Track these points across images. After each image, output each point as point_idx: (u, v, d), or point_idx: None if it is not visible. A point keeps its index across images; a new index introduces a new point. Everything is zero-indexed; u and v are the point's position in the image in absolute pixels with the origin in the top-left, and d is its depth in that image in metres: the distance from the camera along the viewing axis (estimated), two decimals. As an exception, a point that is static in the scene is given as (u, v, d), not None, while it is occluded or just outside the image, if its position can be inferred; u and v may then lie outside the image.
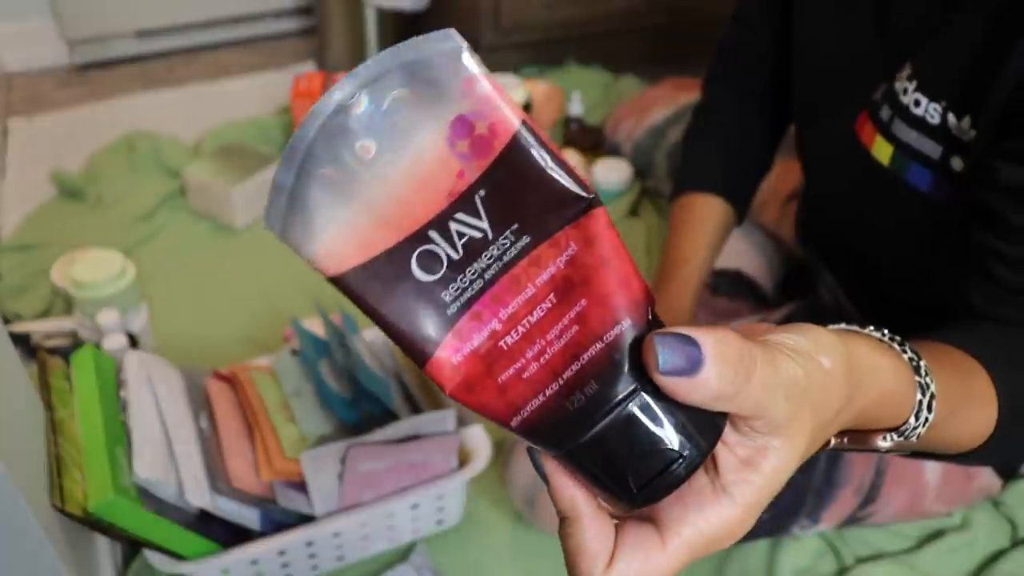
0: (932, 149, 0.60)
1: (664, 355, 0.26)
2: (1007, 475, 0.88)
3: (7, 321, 1.07)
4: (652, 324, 0.28)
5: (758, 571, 0.84)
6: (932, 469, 0.81)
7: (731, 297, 1.05)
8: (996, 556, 0.85)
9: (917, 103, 0.60)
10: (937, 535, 0.86)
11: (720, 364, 0.26)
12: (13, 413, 0.64)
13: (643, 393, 0.27)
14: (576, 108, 1.43)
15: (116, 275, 0.97)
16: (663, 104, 1.29)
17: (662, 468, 0.27)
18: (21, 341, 1.00)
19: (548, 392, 0.27)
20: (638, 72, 1.70)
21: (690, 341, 0.26)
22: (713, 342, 0.26)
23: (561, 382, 0.27)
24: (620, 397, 0.27)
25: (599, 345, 0.27)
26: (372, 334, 0.89)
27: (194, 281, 1.19)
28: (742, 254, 1.14)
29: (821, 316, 0.91)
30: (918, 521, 0.86)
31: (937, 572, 0.83)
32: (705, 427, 0.27)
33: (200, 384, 0.82)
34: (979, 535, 0.85)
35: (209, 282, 1.19)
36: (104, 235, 1.25)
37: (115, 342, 0.90)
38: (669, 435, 0.27)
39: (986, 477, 0.85)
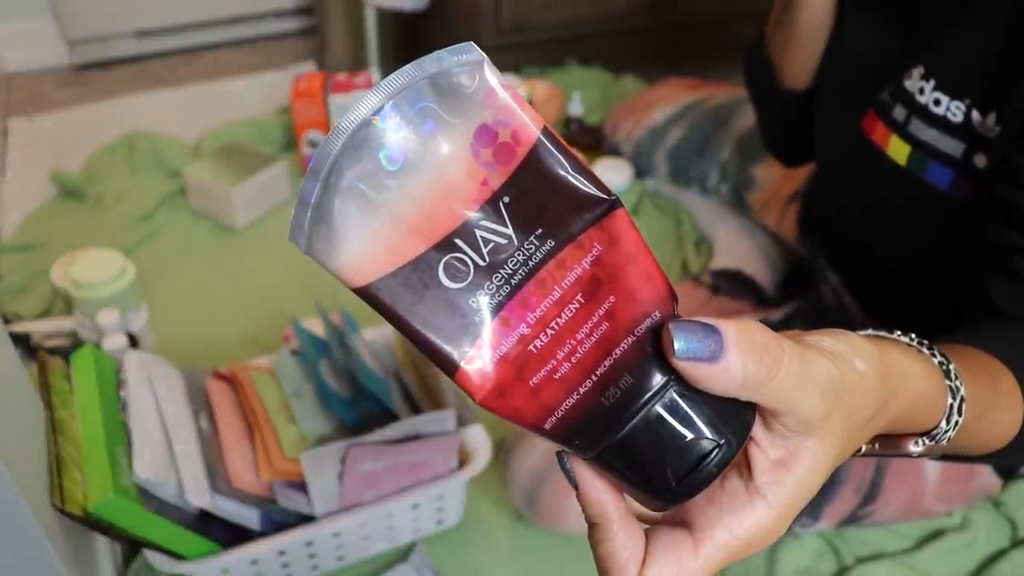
0: (954, 147, 0.60)
1: (680, 340, 0.26)
2: (1007, 475, 0.88)
3: (7, 321, 1.07)
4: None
5: (758, 571, 0.84)
6: (932, 468, 0.81)
7: (732, 297, 1.05)
8: (996, 556, 0.85)
9: (937, 102, 0.61)
10: (937, 535, 0.86)
11: (743, 351, 0.26)
12: (13, 413, 0.64)
13: (675, 385, 0.27)
14: (576, 108, 1.43)
15: (116, 275, 0.97)
16: (663, 104, 1.29)
17: (695, 462, 0.27)
18: (21, 341, 1.00)
19: (582, 390, 0.28)
20: (638, 72, 1.70)
21: (711, 329, 0.26)
22: (736, 330, 0.26)
23: (595, 378, 0.27)
24: (654, 389, 0.27)
25: (631, 339, 0.27)
26: (372, 334, 0.89)
27: (194, 281, 1.19)
28: (743, 254, 1.14)
29: (823, 316, 0.91)
30: (918, 521, 0.86)
31: (937, 572, 0.83)
32: (735, 420, 0.27)
33: (200, 384, 0.82)
34: (979, 535, 0.85)
35: (209, 282, 1.19)
36: (104, 235, 1.25)
37: (115, 342, 0.90)
38: (700, 428, 0.27)
39: (986, 476, 0.85)
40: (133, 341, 0.97)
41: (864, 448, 0.36)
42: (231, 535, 0.73)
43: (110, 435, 0.70)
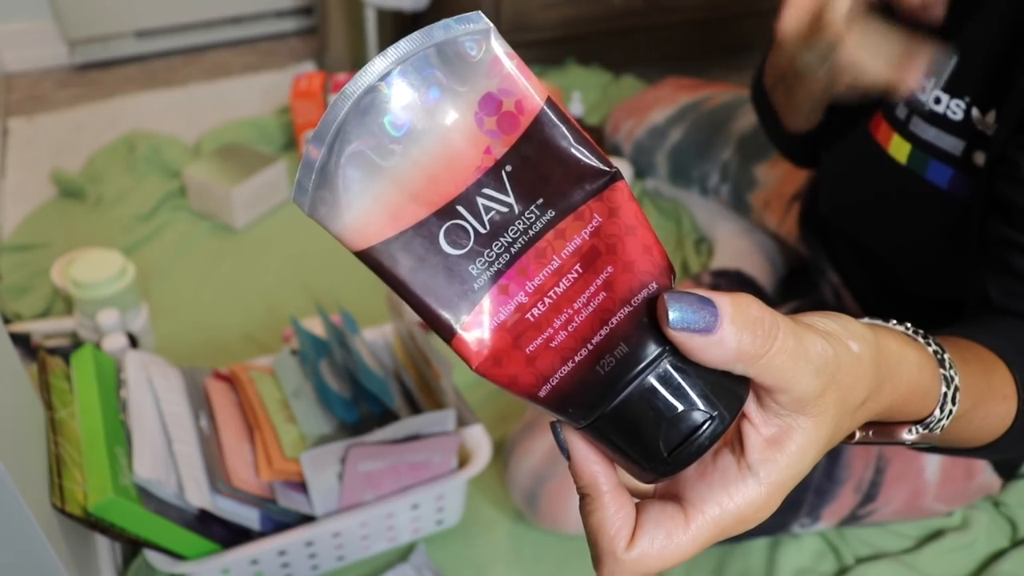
0: (953, 145, 0.60)
1: (675, 311, 0.26)
2: (1007, 474, 0.88)
3: (7, 321, 1.07)
4: None
5: (758, 571, 0.84)
6: (932, 467, 0.81)
7: (732, 297, 1.05)
8: (996, 556, 0.85)
9: (937, 100, 0.61)
10: (937, 535, 0.86)
11: (738, 324, 0.26)
12: (13, 413, 0.64)
13: (670, 356, 0.27)
14: (576, 108, 1.43)
15: (116, 275, 0.97)
16: (663, 104, 1.28)
17: (687, 434, 0.27)
18: (21, 341, 1.01)
19: (577, 358, 0.28)
20: (638, 72, 1.70)
21: (706, 301, 0.26)
22: (731, 303, 0.26)
23: (590, 347, 0.28)
24: (649, 359, 0.27)
25: (627, 309, 0.28)
26: (372, 334, 0.89)
27: (194, 281, 1.19)
28: (744, 254, 1.14)
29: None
30: (918, 520, 0.86)
31: (937, 572, 0.83)
32: (728, 394, 0.28)
33: (200, 384, 0.82)
34: (979, 535, 0.85)
35: (209, 282, 1.19)
36: (104, 235, 1.25)
37: (115, 342, 0.90)
38: (693, 400, 0.27)
39: (986, 475, 0.85)
40: (133, 341, 0.97)
41: (858, 435, 0.36)
42: (231, 535, 0.73)
43: (110, 435, 0.70)
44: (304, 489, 0.74)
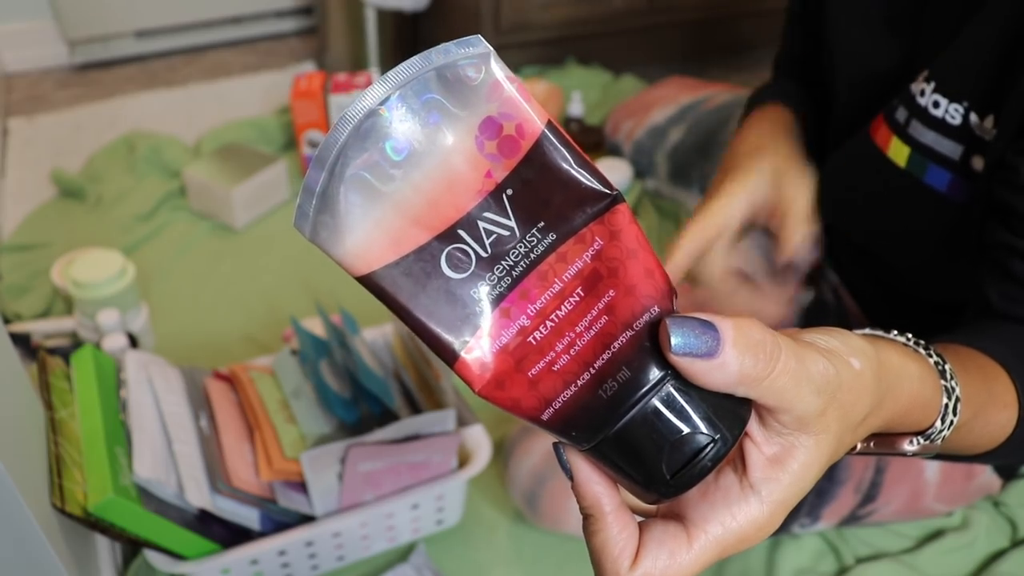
0: (952, 150, 0.60)
1: (677, 336, 0.26)
2: (1007, 474, 0.88)
3: (7, 321, 1.07)
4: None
5: (758, 571, 0.84)
6: (932, 468, 0.81)
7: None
8: (996, 556, 0.85)
9: (936, 104, 0.61)
10: (937, 535, 0.86)
11: (739, 348, 0.26)
12: (13, 413, 0.64)
13: (672, 380, 0.27)
14: (576, 108, 1.43)
15: (116, 275, 0.97)
16: (664, 104, 1.28)
17: (690, 456, 0.27)
18: (21, 341, 1.01)
19: (580, 382, 0.28)
20: (638, 72, 1.70)
21: (708, 325, 0.26)
22: (733, 326, 0.26)
23: (593, 371, 0.28)
24: (651, 383, 0.27)
25: (629, 333, 0.28)
26: (372, 334, 0.89)
27: (194, 281, 1.19)
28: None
29: (822, 315, 0.92)
30: (918, 520, 0.86)
31: (937, 572, 0.83)
32: (730, 416, 0.28)
33: (200, 384, 0.82)
34: (979, 535, 0.86)
35: (209, 282, 1.19)
36: (104, 235, 1.25)
37: (115, 342, 0.90)
38: (696, 423, 0.27)
39: (986, 476, 0.85)
40: (133, 341, 0.97)
41: (859, 447, 0.36)
42: (231, 535, 0.73)
43: (110, 435, 0.70)
44: (304, 489, 0.74)
